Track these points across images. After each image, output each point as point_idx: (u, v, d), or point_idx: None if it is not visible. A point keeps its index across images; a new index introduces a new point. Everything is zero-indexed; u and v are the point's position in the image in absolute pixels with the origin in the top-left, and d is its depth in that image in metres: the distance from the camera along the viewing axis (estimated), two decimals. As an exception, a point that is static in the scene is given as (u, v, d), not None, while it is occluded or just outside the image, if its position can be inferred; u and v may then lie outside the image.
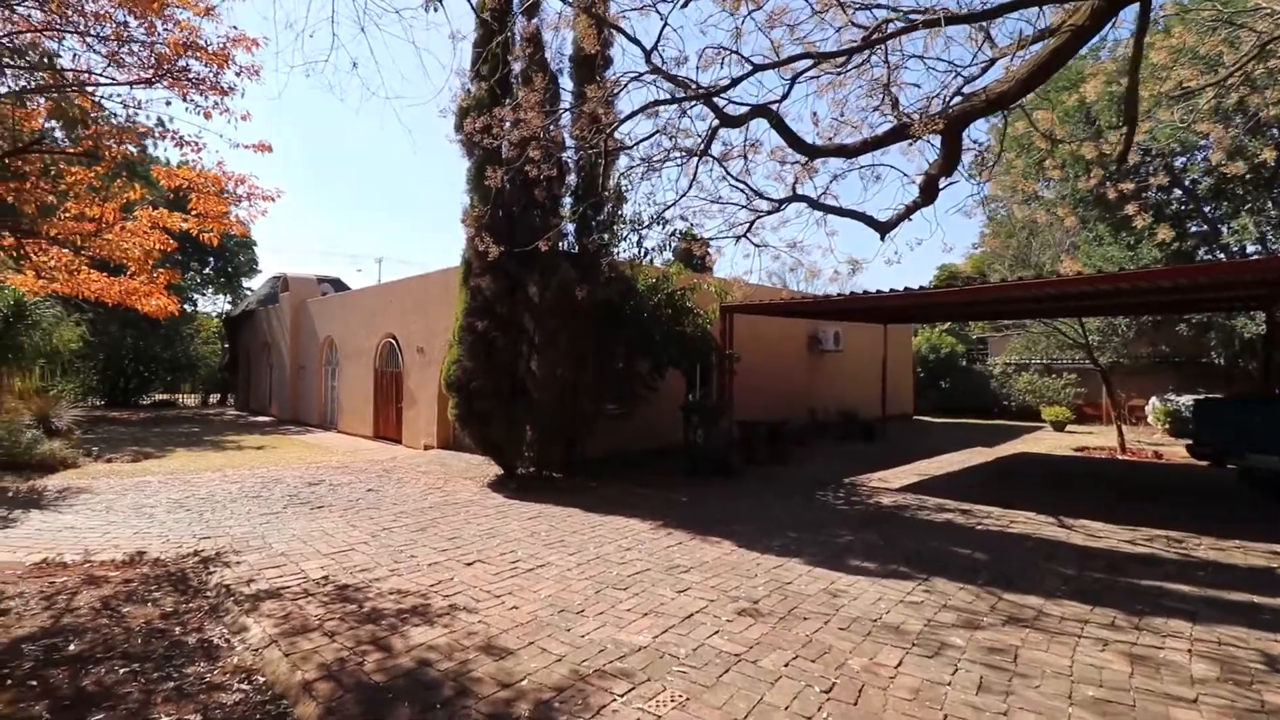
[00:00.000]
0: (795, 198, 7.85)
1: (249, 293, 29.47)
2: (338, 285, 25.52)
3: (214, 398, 31.12)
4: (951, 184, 5.89)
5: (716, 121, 6.07)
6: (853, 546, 6.37)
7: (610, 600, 4.81)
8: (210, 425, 19.59)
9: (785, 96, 5.57)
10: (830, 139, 6.18)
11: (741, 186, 8.64)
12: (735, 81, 5.59)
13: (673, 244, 10.74)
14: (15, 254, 6.70)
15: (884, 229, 6.93)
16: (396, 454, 13.15)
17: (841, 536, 6.73)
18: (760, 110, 5.66)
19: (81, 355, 21.20)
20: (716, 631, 4.24)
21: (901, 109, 5.60)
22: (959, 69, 5.51)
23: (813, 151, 5.72)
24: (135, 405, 27.18)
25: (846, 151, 5.58)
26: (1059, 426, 18.78)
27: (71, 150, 6.31)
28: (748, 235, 9.50)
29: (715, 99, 6.20)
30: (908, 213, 6.80)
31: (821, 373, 17.72)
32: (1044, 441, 16.00)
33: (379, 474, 10.60)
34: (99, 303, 7.85)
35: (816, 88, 6.20)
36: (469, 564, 5.71)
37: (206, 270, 28.12)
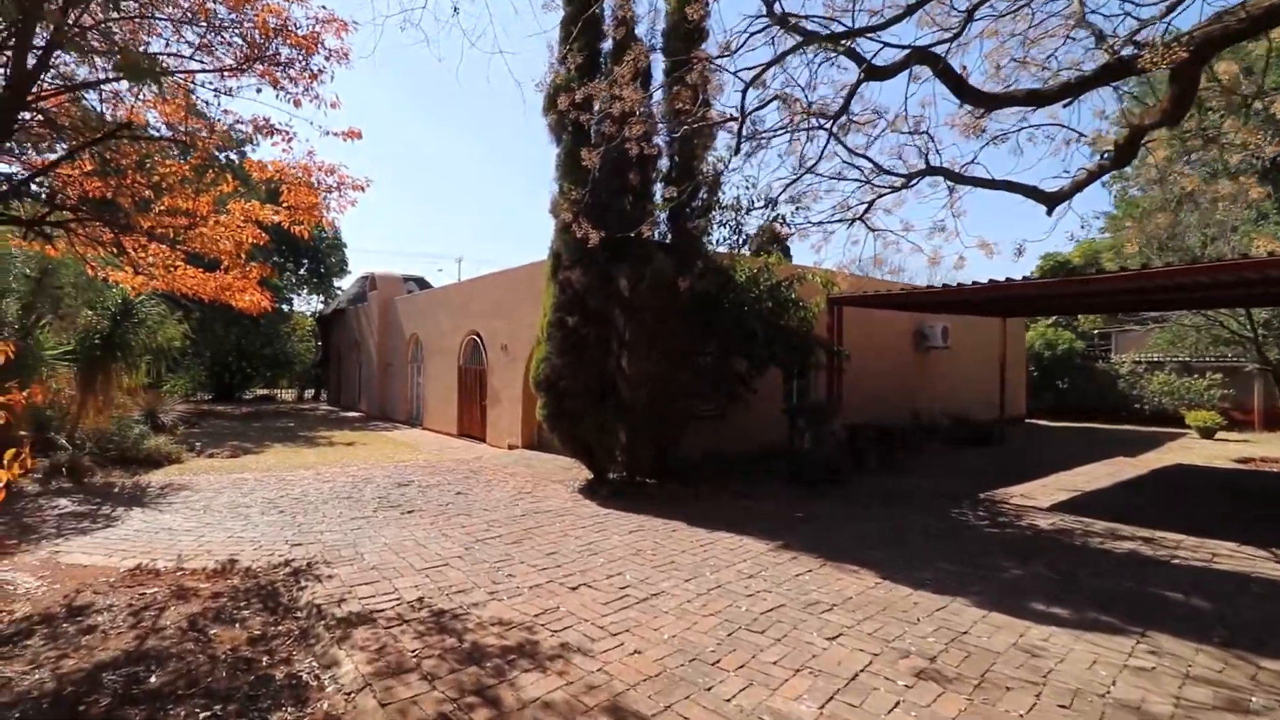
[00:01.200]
0: (930, 170, 6.81)
1: (339, 292, 30.53)
2: (421, 284, 25.93)
3: (308, 393, 32.52)
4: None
5: (861, 75, 5.13)
6: (1023, 583, 5.28)
7: (748, 647, 4.00)
8: (304, 420, 20.17)
9: (957, 36, 4.57)
10: (1007, 88, 5.10)
11: (859, 162, 7.68)
12: (891, 21, 4.64)
13: (775, 229, 9.79)
14: (115, 249, 6.59)
15: (1053, 201, 5.78)
16: (481, 454, 12.84)
17: (1006, 570, 5.64)
18: (921, 55, 4.68)
19: (188, 352, 22.47)
20: (898, 703, 3.35)
21: (1110, 42, 4.47)
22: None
23: (994, 101, 4.69)
24: (238, 399, 28.71)
25: (1040, 98, 4.51)
26: (1208, 434, 16.45)
27: (164, 138, 6.08)
28: (864, 219, 8.52)
29: (853, 49, 5.28)
30: (1089, 179, 5.63)
31: (927, 371, 16.22)
32: (1195, 451, 13.93)
33: (466, 475, 10.23)
34: (200, 300, 7.75)
35: (982, 30, 5.15)
36: (574, 588, 5.04)
37: (301, 271, 29.29)
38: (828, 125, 6.16)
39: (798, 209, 8.68)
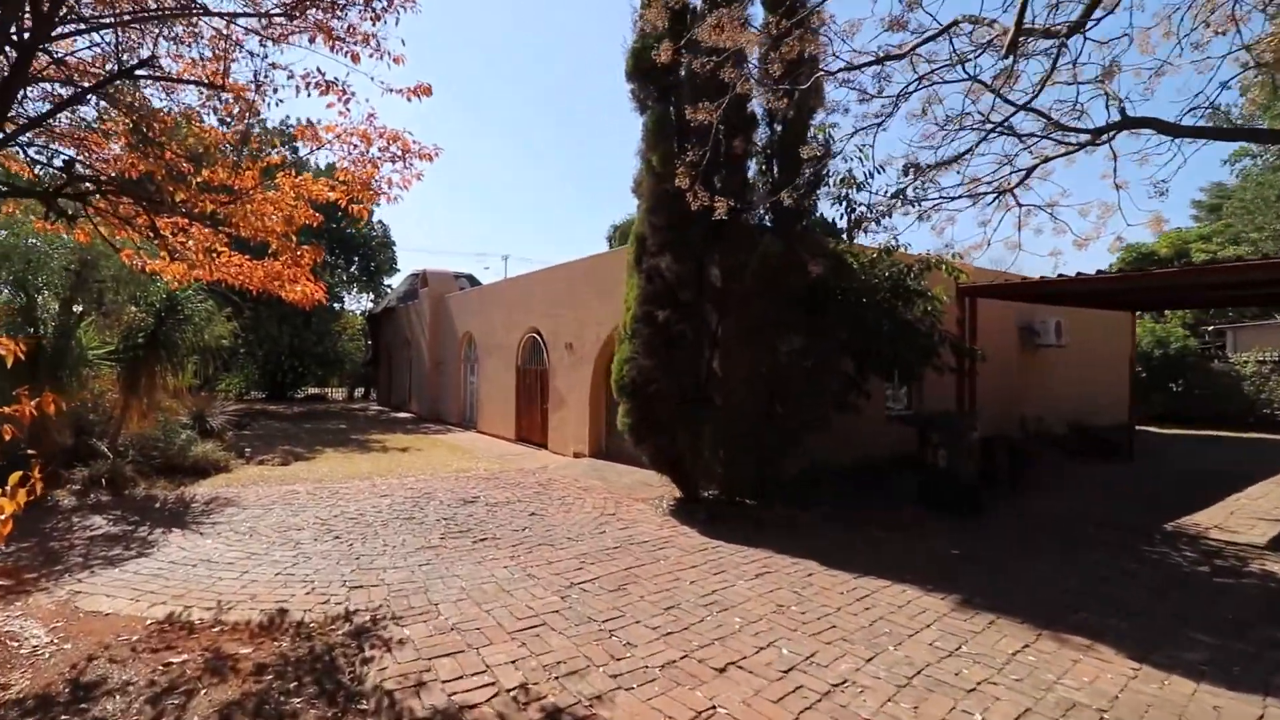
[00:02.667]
0: (1130, 122, 5.33)
1: (389, 290, 30.08)
2: (472, 282, 25.14)
3: (358, 392, 32.23)
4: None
5: None
6: (1346, 674, 3.78)
7: (1029, 799, 2.65)
8: (355, 421, 19.51)
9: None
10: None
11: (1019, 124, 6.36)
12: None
13: (895, 207, 8.31)
14: (149, 232, 5.62)
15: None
16: (545, 462, 11.71)
17: (1300, 649, 4.13)
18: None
19: (240, 351, 22.15)
20: None
21: None
22: None
23: None
24: (290, 399, 28.50)
25: None
26: (1371, 445, 14.20)
27: (195, 81, 5.05)
28: (1014, 191, 7.17)
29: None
30: None
31: (1037, 372, 14.40)
32: (1374, 467, 11.83)
33: (535, 490, 9.08)
34: (248, 292, 6.79)
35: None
36: (720, 670, 3.76)
37: (352, 269, 28.88)
38: (1009, 60, 4.74)
39: (926, 183, 7.24)
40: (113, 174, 5.49)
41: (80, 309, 9.05)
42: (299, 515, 7.34)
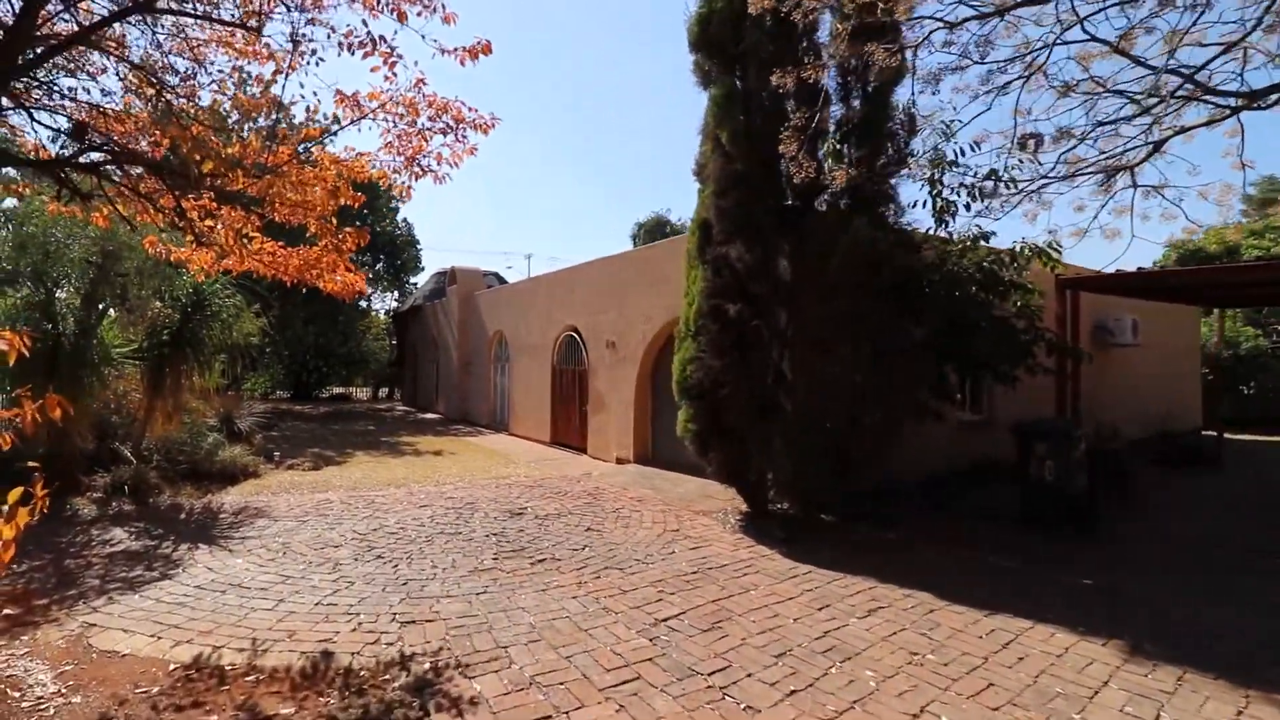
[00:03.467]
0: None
1: (413, 288, 29.65)
2: (499, 280, 24.57)
3: (382, 392, 31.87)
4: None
5: None
6: None
7: None
8: (383, 422, 18.98)
9: None
10: None
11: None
12: None
13: (1001, 188, 7.44)
14: (175, 215, 4.99)
15: None
16: (588, 468, 11.00)
17: None
18: None
19: (267, 349, 21.77)
20: None
21: None
22: None
23: None
24: (315, 398, 28.17)
25: None
26: None
27: (220, 19, 4.38)
28: (1133, 170, 6.37)
29: None
30: None
31: (1111, 373, 13.38)
32: None
33: (585, 501, 8.35)
34: (281, 284, 6.15)
35: None
36: (877, 748, 3.00)
37: (378, 266, 28.46)
38: None
39: (1026, 161, 6.42)
40: (135, 146, 4.86)
41: (103, 304, 8.51)
42: (335, 529, 6.69)
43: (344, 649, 3.93)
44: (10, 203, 9.30)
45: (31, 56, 3.74)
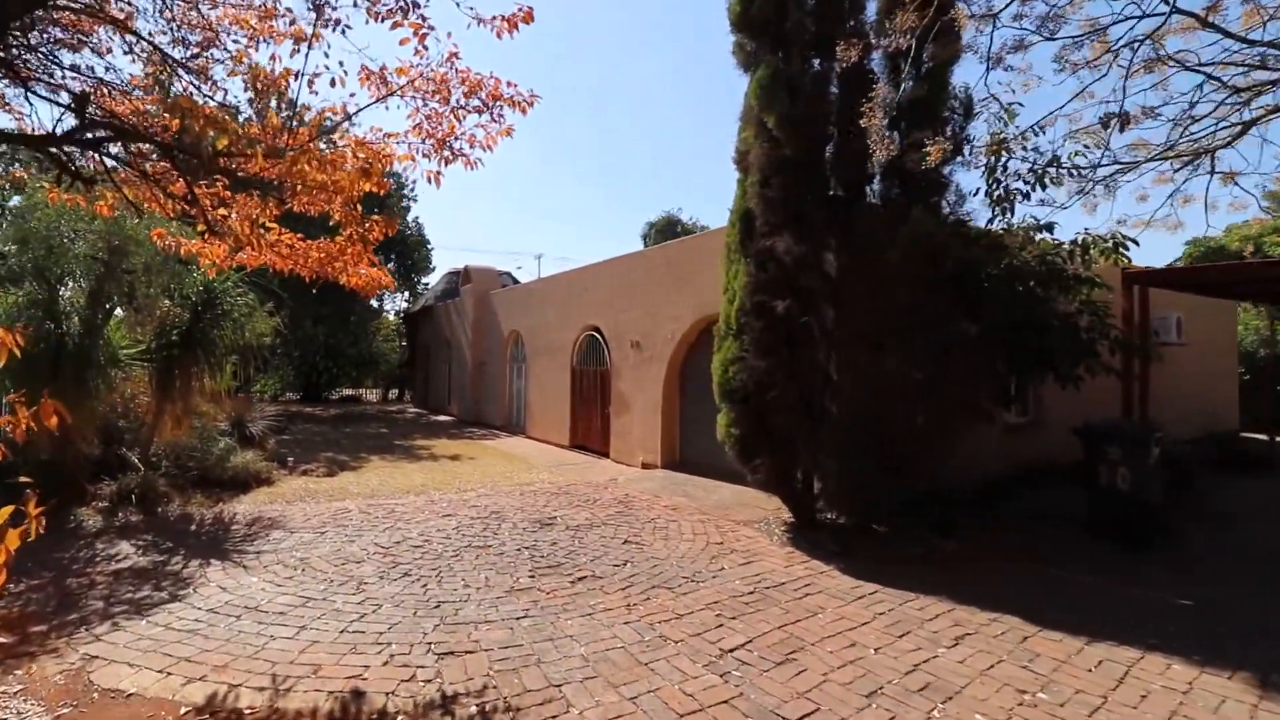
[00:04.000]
0: None
1: (425, 288, 29.30)
2: (512, 280, 24.16)
3: (392, 393, 31.53)
4: None
5: None
6: None
7: None
8: (395, 425, 18.59)
9: None
10: None
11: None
12: None
13: (1068, 174, 6.92)
14: (186, 201, 4.56)
15: None
16: (614, 474, 10.53)
17: None
18: None
19: (278, 350, 21.42)
20: None
21: None
22: None
23: None
24: (325, 400, 27.86)
25: None
26: None
27: None
28: (1214, 154, 5.90)
29: None
30: None
31: (1159, 373, 12.79)
32: None
33: (616, 509, 7.89)
34: (299, 280, 5.71)
35: None
36: (1020, 822, 2.51)
37: (389, 264, 28.08)
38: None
39: (1095, 146, 5.91)
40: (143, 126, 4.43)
41: (110, 303, 8.11)
42: (356, 542, 6.24)
43: (376, 687, 3.47)
44: (16, 200, 8.93)
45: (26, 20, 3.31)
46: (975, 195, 7.00)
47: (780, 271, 6.59)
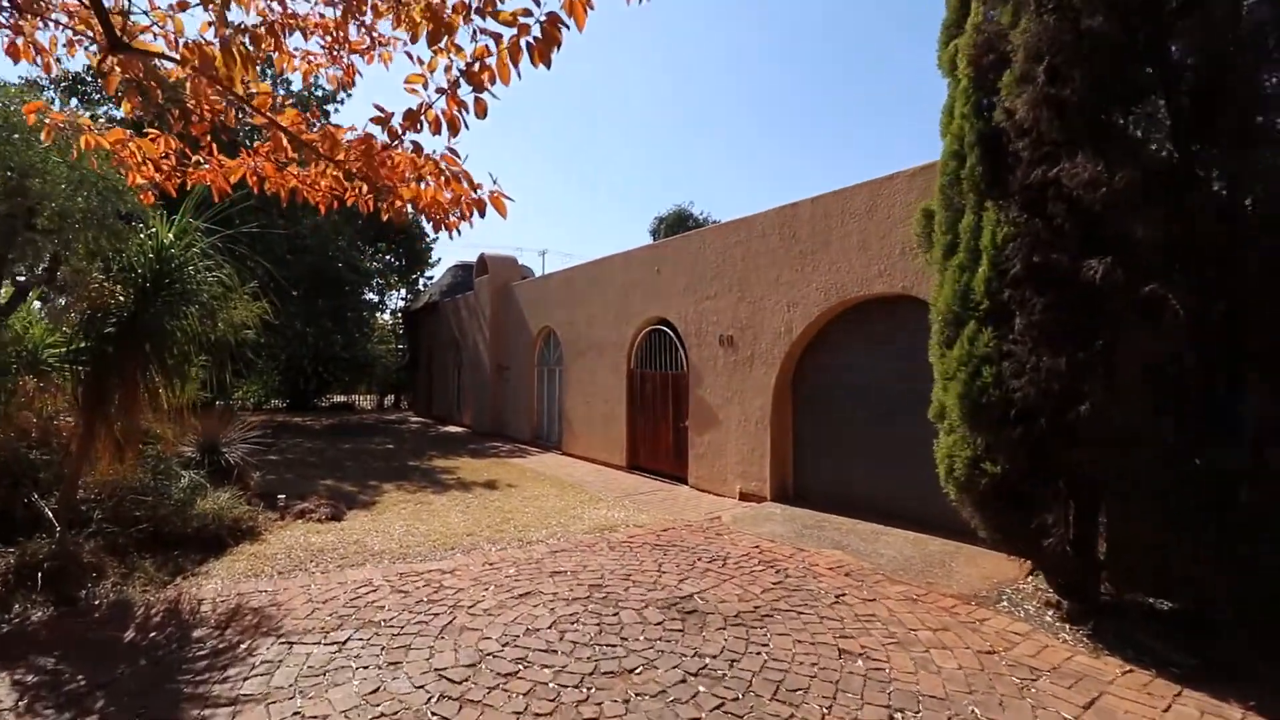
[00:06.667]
0: None
1: (428, 283, 26.61)
2: (530, 273, 21.56)
3: (389, 400, 28.78)
4: None
5: None
6: None
7: None
8: (402, 439, 15.94)
9: None
10: None
11: None
12: None
13: None
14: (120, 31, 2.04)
15: None
16: (708, 507, 8.03)
17: None
18: None
19: (263, 350, 18.56)
20: None
21: None
22: None
23: None
24: (315, 407, 25.12)
25: None
26: None
27: None
28: None
29: None
30: None
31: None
32: None
33: (766, 576, 5.38)
34: (315, 209, 3.16)
35: None
36: None
37: (388, 257, 25.39)
38: None
39: None
40: None
41: (21, 278, 5.49)
42: (403, 668, 3.68)
43: None
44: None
45: None
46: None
47: (1076, 220, 4.12)
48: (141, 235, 5.52)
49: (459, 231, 2.90)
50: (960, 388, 4.47)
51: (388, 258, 25.10)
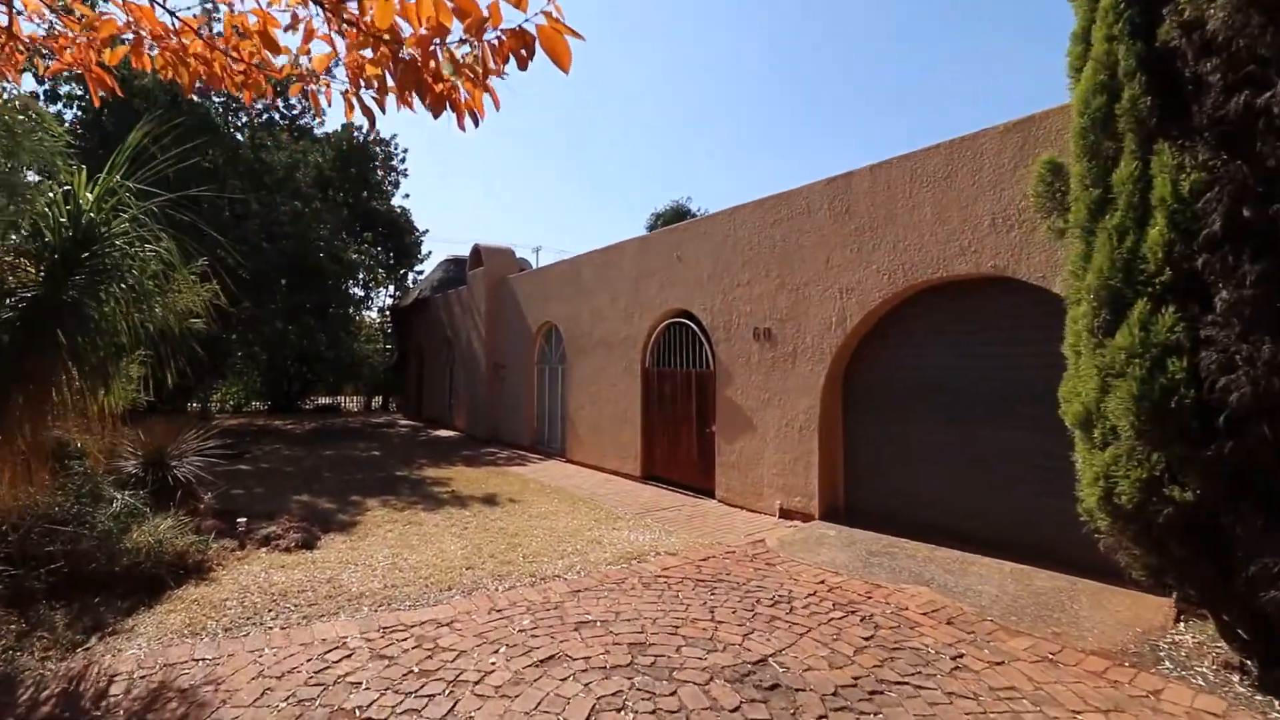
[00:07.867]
0: None
1: (417, 278, 25.33)
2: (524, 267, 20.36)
3: (376, 402, 27.47)
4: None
5: None
6: None
7: None
8: (390, 444, 14.70)
9: None
10: None
11: None
12: None
13: None
14: None
15: None
16: (748, 528, 6.90)
17: None
18: None
19: (235, 349, 17.23)
20: None
21: None
22: None
23: None
24: (298, 410, 23.82)
25: None
26: None
27: None
28: None
29: None
30: None
31: None
32: None
33: (850, 628, 4.26)
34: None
35: None
36: None
37: (377, 250, 24.03)
38: None
39: None
40: None
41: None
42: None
43: None
44: None
45: None
46: None
47: (1299, 155, 3.03)
48: (52, 194, 4.32)
49: (474, 120, 1.73)
50: (1135, 387, 3.35)
51: (375, 249, 23.76)
